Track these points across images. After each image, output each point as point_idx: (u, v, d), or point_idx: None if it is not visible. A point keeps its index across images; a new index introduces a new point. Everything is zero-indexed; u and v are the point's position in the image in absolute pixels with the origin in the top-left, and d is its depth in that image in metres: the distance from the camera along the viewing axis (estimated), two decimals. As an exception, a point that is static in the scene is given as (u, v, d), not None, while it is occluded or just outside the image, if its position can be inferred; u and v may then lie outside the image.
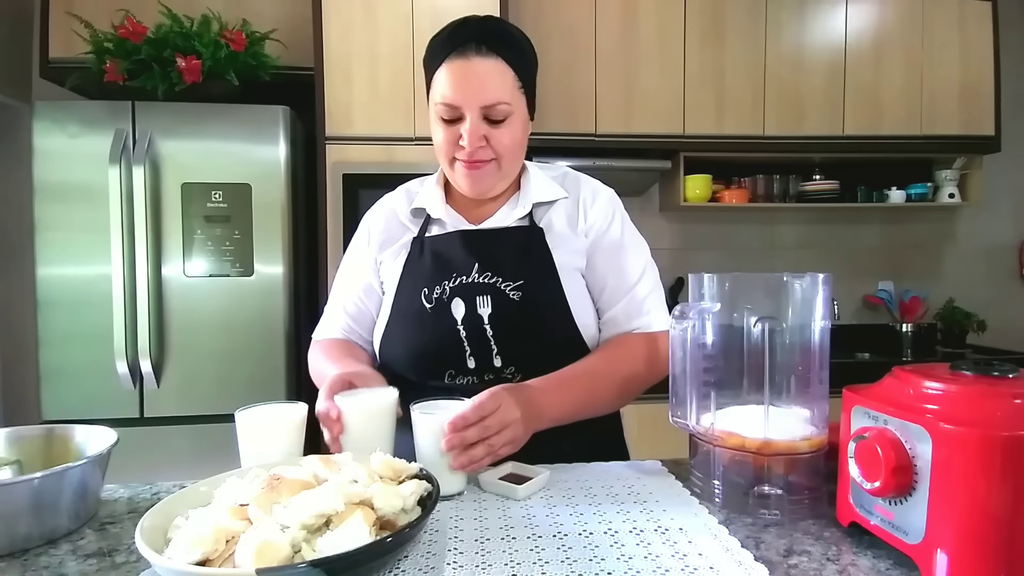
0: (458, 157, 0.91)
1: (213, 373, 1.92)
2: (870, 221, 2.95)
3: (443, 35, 0.90)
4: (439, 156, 0.94)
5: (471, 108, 0.87)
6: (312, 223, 2.16)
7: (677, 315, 0.74)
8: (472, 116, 0.87)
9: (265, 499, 0.55)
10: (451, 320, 0.91)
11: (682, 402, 0.74)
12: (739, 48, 2.47)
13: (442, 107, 0.88)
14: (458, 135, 0.89)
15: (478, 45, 0.87)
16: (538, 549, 0.60)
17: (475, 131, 0.88)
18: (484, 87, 0.87)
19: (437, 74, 0.89)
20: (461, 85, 0.86)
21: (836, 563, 0.57)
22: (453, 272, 0.93)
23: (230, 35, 1.99)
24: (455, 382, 0.92)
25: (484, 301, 0.91)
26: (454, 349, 0.91)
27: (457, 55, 0.87)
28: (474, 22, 0.90)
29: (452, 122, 0.89)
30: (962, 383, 0.55)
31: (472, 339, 0.91)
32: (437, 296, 0.93)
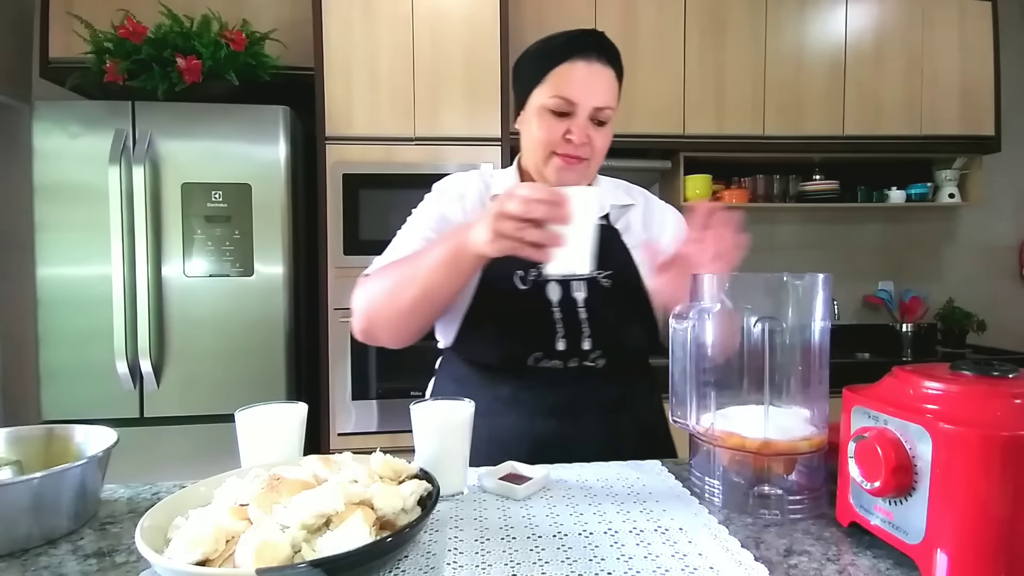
0: (559, 152, 0.96)
1: (213, 373, 1.92)
2: (870, 221, 2.94)
3: (566, 38, 0.96)
4: (535, 148, 0.98)
5: (585, 107, 0.93)
6: (312, 223, 2.16)
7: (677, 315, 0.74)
8: (583, 115, 0.94)
9: (265, 499, 0.55)
10: (546, 302, 0.95)
11: (682, 402, 0.74)
12: (739, 48, 2.47)
13: (559, 100, 0.93)
14: (564, 130, 0.94)
15: (599, 54, 0.94)
16: (538, 549, 0.60)
17: (583, 128, 0.94)
18: (600, 90, 0.94)
19: (557, 71, 0.94)
20: (583, 84, 0.93)
21: (836, 563, 0.57)
22: None
23: (230, 35, 1.99)
24: (539, 365, 0.95)
25: (580, 286, 0.97)
26: (547, 330, 0.94)
27: (581, 57, 0.93)
28: (597, 33, 0.97)
29: (560, 116, 0.94)
30: (962, 383, 0.55)
31: (566, 321, 0.95)
32: (533, 278, 0.96)
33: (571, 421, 0.94)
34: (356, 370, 2.06)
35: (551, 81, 0.94)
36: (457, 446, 0.74)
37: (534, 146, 0.98)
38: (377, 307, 0.90)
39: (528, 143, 1.00)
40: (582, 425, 0.94)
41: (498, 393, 0.96)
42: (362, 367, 2.06)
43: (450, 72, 2.10)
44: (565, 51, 0.94)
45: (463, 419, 0.74)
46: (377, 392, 2.08)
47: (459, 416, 0.74)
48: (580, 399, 0.94)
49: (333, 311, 2.05)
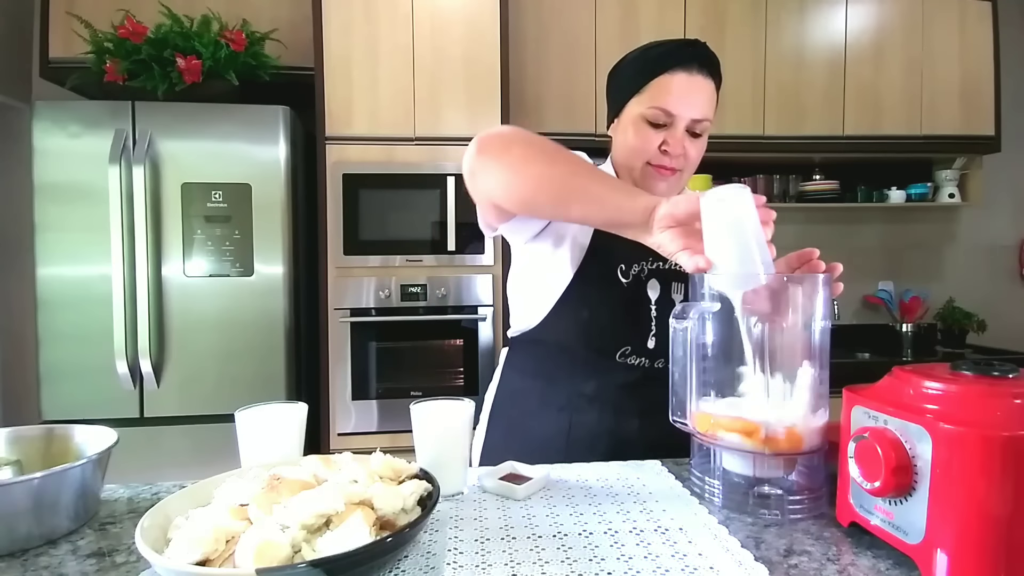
0: (654, 162, 0.96)
1: (213, 373, 1.92)
2: (870, 221, 2.94)
3: (669, 48, 0.95)
4: (631, 156, 0.98)
5: (684, 119, 0.93)
6: (312, 223, 2.17)
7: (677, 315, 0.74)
8: (681, 126, 0.94)
9: (265, 499, 0.55)
10: (646, 298, 0.96)
11: (682, 402, 0.74)
12: (739, 48, 2.47)
13: (658, 112, 0.93)
14: (661, 140, 0.94)
15: (701, 65, 0.94)
16: (538, 549, 0.60)
17: (680, 140, 0.94)
18: (700, 103, 0.94)
19: (657, 81, 0.94)
20: (684, 97, 0.93)
21: (836, 563, 0.57)
22: (649, 255, 0.94)
23: (230, 35, 1.99)
24: (627, 361, 0.95)
25: (678, 287, 0.97)
26: (642, 326, 0.95)
27: (683, 69, 0.93)
28: (700, 44, 0.96)
29: (658, 127, 0.94)
30: (962, 383, 0.54)
31: (660, 321, 0.95)
32: (635, 273, 0.96)
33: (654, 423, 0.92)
34: (356, 370, 2.06)
35: (650, 91, 0.94)
36: (457, 447, 0.74)
37: (628, 154, 0.98)
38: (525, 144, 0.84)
39: (622, 151, 1.00)
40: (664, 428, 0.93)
41: (582, 388, 0.96)
42: (362, 367, 2.07)
43: (450, 72, 2.10)
44: (666, 62, 0.94)
45: (464, 420, 0.74)
46: (377, 392, 2.08)
47: (460, 417, 0.74)
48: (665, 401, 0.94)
49: (333, 311, 2.05)
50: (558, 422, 0.90)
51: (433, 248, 2.07)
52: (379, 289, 2.07)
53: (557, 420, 0.91)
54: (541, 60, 2.33)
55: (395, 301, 2.08)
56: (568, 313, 0.96)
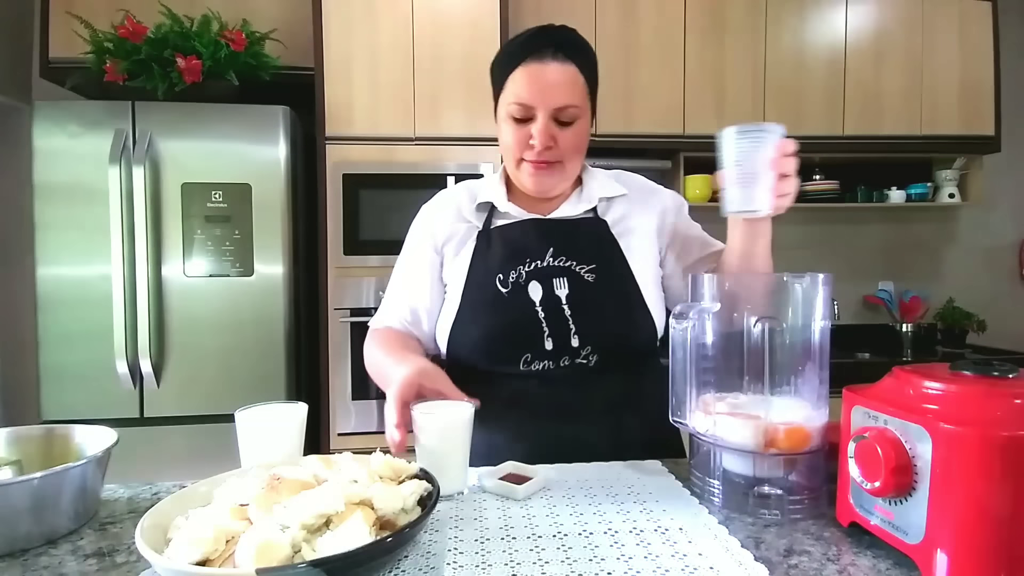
0: (526, 158, 0.95)
1: (213, 373, 1.92)
2: (870, 221, 2.94)
3: (521, 39, 0.95)
4: (506, 155, 0.98)
5: (544, 109, 0.91)
6: (312, 223, 2.17)
7: (677, 315, 0.74)
8: (543, 117, 0.91)
9: (265, 499, 0.55)
10: (529, 302, 0.94)
11: (682, 402, 0.74)
12: (739, 47, 2.47)
13: (516, 107, 0.92)
14: (528, 135, 0.93)
15: (555, 51, 0.92)
16: (538, 549, 0.60)
17: (545, 131, 0.92)
18: (558, 90, 0.91)
19: (513, 75, 0.93)
20: (537, 87, 0.91)
21: (836, 563, 0.57)
22: (527, 257, 0.96)
23: (230, 35, 1.99)
24: (531, 368, 0.94)
25: (561, 283, 0.95)
26: (533, 330, 0.93)
27: (534, 59, 0.91)
28: (552, 30, 0.95)
29: (522, 122, 0.93)
30: (962, 383, 0.55)
31: (550, 320, 0.94)
32: (513, 280, 0.95)
33: (572, 421, 0.93)
34: (356, 370, 2.06)
35: (509, 87, 0.94)
36: (457, 447, 0.74)
37: (505, 153, 0.98)
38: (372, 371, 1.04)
39: (501, 150, 1.00)
40: (585, 425, 0.93)
41: (496, 396, 0.95)
42: (362, 367, 2.05)
43: (450, 72, 2.10)
44: (519, 54, 0.93)
45: (463, 420, 0.74)
46: (377, 392, 2.07)
47: (460, 417, 0.74)
48: (579, 398, 0.93)
49: (333, 311, 2.05)
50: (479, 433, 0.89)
51: (433, 248, 2.07)
52: (379, 289, 2.07)
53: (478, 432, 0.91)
54: (541, 60, 2.32)
55: (395, 301, 2.07)
56: (463, 333, 0.97)
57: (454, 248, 1.02)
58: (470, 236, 1.01)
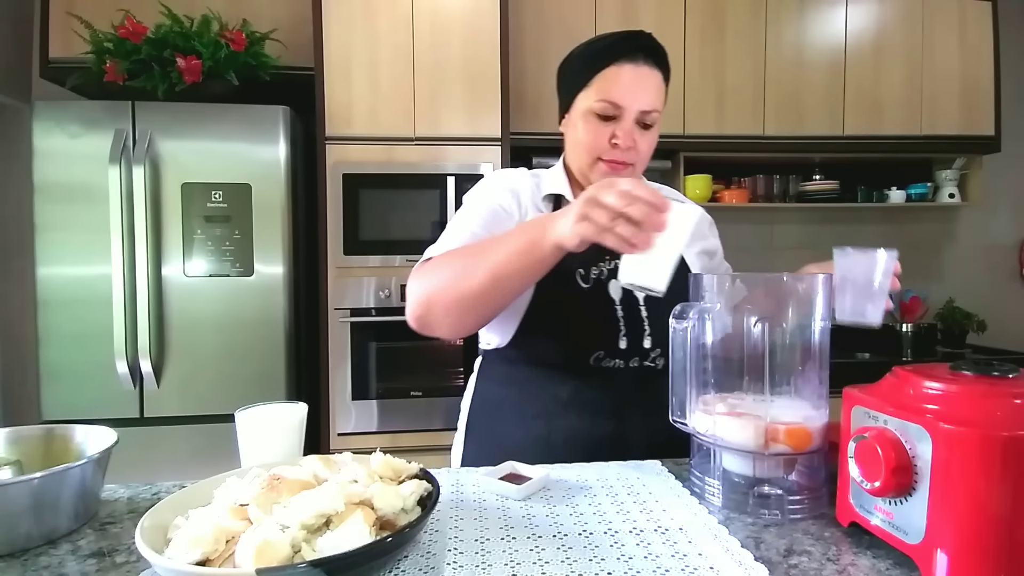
0: (604, 157, 0.95)
1: (213, 373, 1.92)
2: (870, 221, 2.94)
3: (613, 40, 0.95)
4: (581, 153, 0.97)
5: (632, 111, 0.93)
6: (312, 223, 2.16)
7: (677, 315, 0.74)
8: (629, 118, 0.93)
9: (265, 499, 0.55)
10: (609, 299, 0.95)
11: (682, 402, 0.74)
12: (739, 48, 2.47)
13: (605, 104, 0.93)
14: (610, 134, 0.94)
15: (647, 56, 0.93)
16: (538, 549, 0.60)
17: (629, 133, 0.93)
18: (647, 93, 0.93)
19: (603, 74, 0.93)
20: (630, 87, 0.92)
21: (836, 563, 0.57)
22: (607, 254, 0.95)
23: (230, 35, 1.99)
24: (601, 364, 0.93)
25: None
26: (610, 328, 0.94)
27: (628, 60, 0.92)
28: (644, 35, 0.95)
29: (606, 120, 0.94)
30: (962, 383, 0.55)
31: (628, 319, 0.94)
32: (595, 276, 0.95)
33: (629, 422, 0.92)
34: (356, 370, 2.06)
35: (597, 85, 0.94)
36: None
37: (580, 150, 0.97)
38: (439, 294, 0.83)
39: (573, 147, 0.99)
40: (639, 426, 0.92)
41: (557, 394, 0.94)
42: (362, 367, 2.06)
43: (450, 72, 2.10)
44: (612, 54, 0.93)
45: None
46: (377, 392, 2.08)
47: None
48: (640, 400, 0.93)
49: (333, 311, 2.05)
50: (535, 429, 0.89)
51: (433, 248, 2.06)
52: (379, 289, 2.07)
53: (534, 427, 0.90)
54: (541, 60, 2.33)
55: (395, 301, 2.07)
56: (536, 327, 0.95)
57: None
58: None
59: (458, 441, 1.08)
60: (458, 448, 1.08)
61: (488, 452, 0.97)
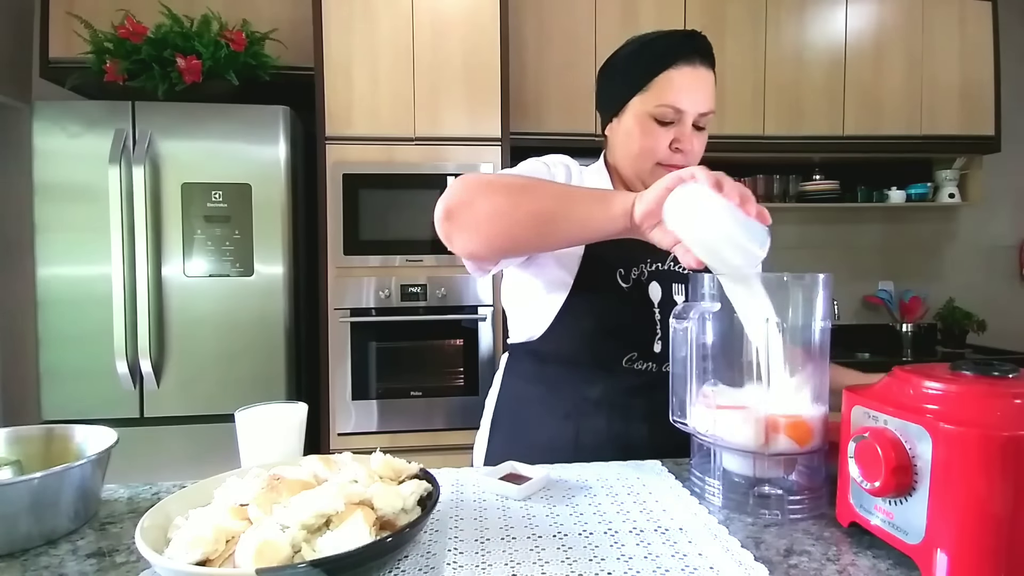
0: (665, 162, 0.93)
1: (213, 373, 1.92)
2: (870, 221, 2.94)
3: (672, 41, 0.92)
4: (638, 157, 0.95)
5: (692, 114, 0.91)
6: (312, 223, 2.17)
7: (677, 315, 0.74)
8: (689, 122, 0.92)
9: (265, 499, 0.55)
10: (648, 301, 0.93)
11: (682, 402, 0.74)
12: (739, 48, 2.47)
13: (667, 109, 0.91)
14: (670, 138, 0.92)
15: (703, 58, 0.92)
16: (538, 549, 0.60)
17: (691, 137, 0.93)
18: (706, 96, 0.92)
19: (664, 77, 0.91)
20: (692, 91, 0.91)
21: (836, 563, 0.57)
22: (648, 257, 0.94)
23: (230, 35, 1.99)
24: (633, 367, 0.92)
25: (679, 288, 0.94)
26: (647, 331, 0.92)
27: (686, 63, 0.91)
28: (698, 35, 0.94)
29: (666, 125, 0.92)
30: (962, 383, 0.54)
31: (664, 323, 0.92)
32: (635, 277, 0.94)
33: (661, 428, 0.89)
34: (356, 370, 2.06)
35: (656, 88, 0.91)
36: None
37: (636, 154, 0.95)
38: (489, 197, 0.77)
39: (627, 150, 0.96)
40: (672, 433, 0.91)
41: (587, 394, 0.93)
42: (362, 367, 2.07)
43: (450, 72, 2.10)
44: (670, 56, 0.91)
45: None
46: (377, 392, 2.08)
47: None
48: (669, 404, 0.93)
49: (333, 311, 2.05)
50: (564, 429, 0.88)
51: (433, 248, 2.07)
52: (379, 289, 2.07)
53: (563, 427, 0.89)
54: (541, 60, 2.33)
55: (395, 301, 2.08)
56: (571, 323, 0.94)
57: None
58: None
59: (482, 438, 1.07)
60: (481, 445, 1.06)
61: (514, 449, 0.95)
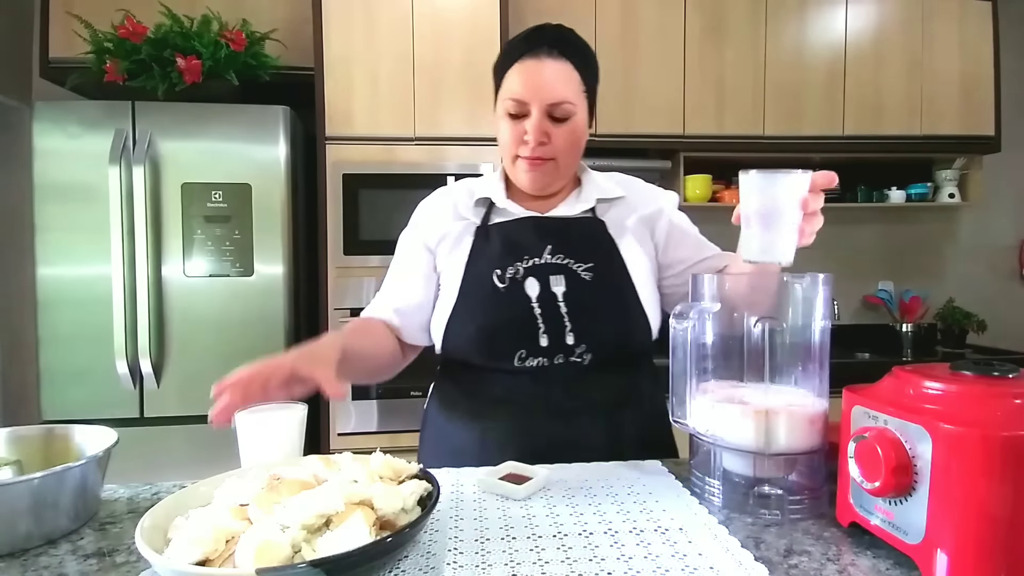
0: (520, 154, 0.96)
1: (213, 373, 1.88)
2: (870, 221, 2.94)
3: (519, 38, 0.97)
4: (503, 153, 1.00)
5: (537, 105, 0.92)
6: (312, 223, 2.16)
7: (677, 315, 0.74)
8: (537, 112, 0.92)
9: (265, 499, 0.55)
10: (525, 298, 0.94)
11: (682, 402, 0.74)
12: (739, 48, 2.47)
13: (511, 102, 0.93)
14: (522, 131, 0.94)
15: (550, 48, 0.93)
16: (538, 549, 0.60)
17: (538, 127, 0.93)
18: (552, 86, 0.92)
19: (509, 72, 0.95)
20: (531, 82, 0.92)
21: (836, 563, 0.57)
22: (524, 254, 0.96)
23: (230, 35, 1.99)
24: (524, 364, 0.93)
25: (558, 280, 0.95)
26: (528, 326, 0.93)
27: (530, 55, 0.93)
28: (548, 28, 0.96)
29: (518, 118, 0.94)
30: (962, 383, 0.54)
31: (546, 316, 0.93)
32: (511, 276, 0.95)
33: (566, 421, 0.93)
34: (356, 370, 2.05)
35: (505, 83, 0.96)
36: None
37: (502, 151, 1.00)
38: None
39: (499, 147, 1.01)
40: (579, 425, 0.93)
41: (489, 394, 0.95)
42: (362, 367, 2.06)
43: (450, 72, 2.10)
44: (515, 52, 0.95)
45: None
46: (377, 392, 2.08)
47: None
48: (574, 398, 0.93)
49: (333, 311, 2.05)
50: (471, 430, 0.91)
51: (433, 248, 2.06)
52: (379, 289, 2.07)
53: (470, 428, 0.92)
54: (541, 60, 2.32)
55: (395, 301, 2.07)
56: (459, 328, 0.96)
57: (449, 245, 1.02)
58: (468, 232, 1.01)
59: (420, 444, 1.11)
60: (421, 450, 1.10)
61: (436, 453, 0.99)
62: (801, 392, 0.70)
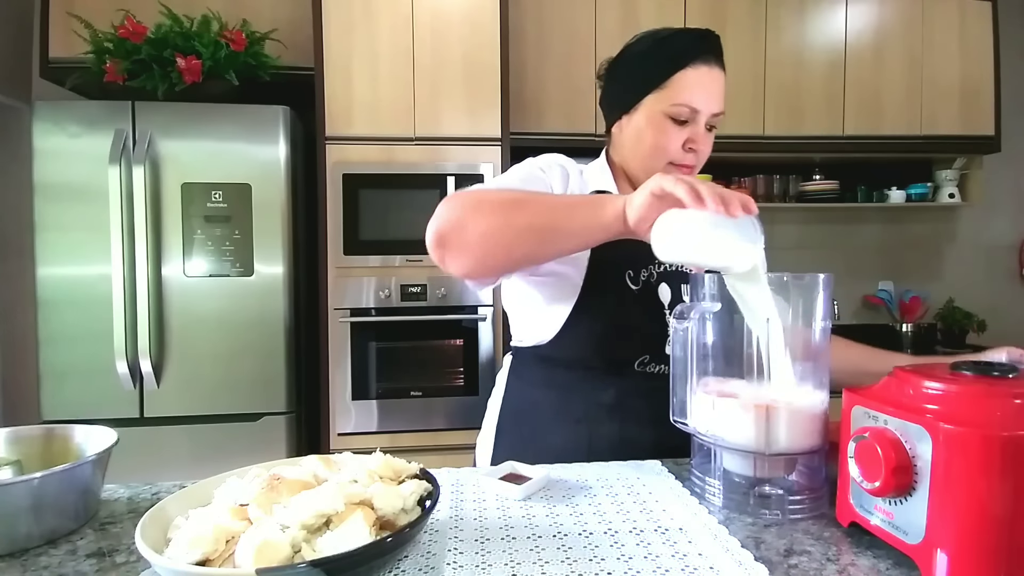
0: (677, 161, 0.93)
1: (213, 373, 1.92)
2: (870, 221, 2.94)
3: (687, 39, 0.93)
4: (649, 156, 0.94)
5: (706, 114, 0.91)
6: (312, 223, 2.17)
7: (677, 315, 0.74)
8: (703, 122, 0.92)
9: (265, 499, 0.55)
10: (658, 303, 0.92)
11: (682, 402, 0.74)
12: (739, 48, 2.47)
13: (683, 108, 0.91)
14: (685, 138, 0.92)
15: (716, 57, 0.92)
16: (538, 549, 0.60)
17: (704, 137, 0.92)
18: (719, 97, 0.92)
19: (681, 76, 0.91)
20: (707, 91, 0.91)
21: (836, 563, 0.57)
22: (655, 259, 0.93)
23: (230, 35, 1.99)
24: (646, 370, 0.91)
25: (687, 289, 0.93)
26: (658, 333, 0.91)
27: (703, 62, 0.91)
28: (715, 36, 0.94)
29: (680, 124, 0.92)
30: (962, 383, 0.55)
31: None
32: (644, 279, 0.93)
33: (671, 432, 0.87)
34: (356, 370, 2.06)
35: (673, 87, 0.91)
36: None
37: (647, 153, 0.94)
38: (478, 218, 0.75)
39: (638, 148, 0.96)
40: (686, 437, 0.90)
41: (600, 399, 0.92)
42: (362, 367, 2.06)
43: (450, 72, 2.10)
44: (687, 55, 0.91)
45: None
46: (377, 392, 2.08)
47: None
48: None
49: (333, 311, 2.05)
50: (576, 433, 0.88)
51: (433, 248, 2.06)
52: (379, 289, 2.07)
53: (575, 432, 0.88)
54: (541, 60, 2.33)
55: (395, 301, 2.08)
56: (581, 328, 0.93)
57: None
58: None
59: (484, 442, 1.05)
60: (485, 449, 1.04)
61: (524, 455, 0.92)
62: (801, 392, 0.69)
